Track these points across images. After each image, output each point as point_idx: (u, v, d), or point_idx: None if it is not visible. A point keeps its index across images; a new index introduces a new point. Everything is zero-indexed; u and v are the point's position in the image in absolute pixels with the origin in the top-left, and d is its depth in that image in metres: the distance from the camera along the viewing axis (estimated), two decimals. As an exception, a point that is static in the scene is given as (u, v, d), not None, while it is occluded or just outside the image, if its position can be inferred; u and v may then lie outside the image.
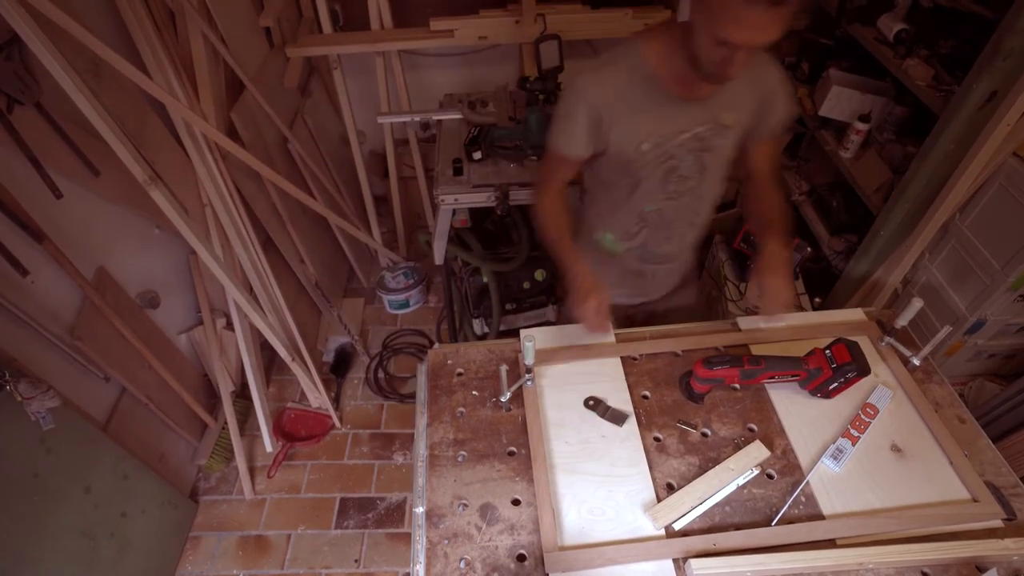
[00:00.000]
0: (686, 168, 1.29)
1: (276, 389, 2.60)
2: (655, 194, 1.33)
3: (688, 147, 1.25)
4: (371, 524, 2.17)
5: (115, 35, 1.77)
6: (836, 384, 1.14)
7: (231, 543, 2.13)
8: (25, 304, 1.51)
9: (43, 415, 1.47)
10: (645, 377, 1.24)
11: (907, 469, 1.06)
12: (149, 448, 2.00)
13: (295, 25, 2.60)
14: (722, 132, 1.25)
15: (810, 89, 2.48)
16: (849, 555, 0.93)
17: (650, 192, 1.33)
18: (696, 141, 1.25)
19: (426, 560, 0.97)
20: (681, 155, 1.26)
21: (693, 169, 1.29)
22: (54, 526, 1.56)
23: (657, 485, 1.05)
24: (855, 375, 1.12)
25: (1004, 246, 1.82)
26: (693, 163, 1.28)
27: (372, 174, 3.01)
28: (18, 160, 1.48)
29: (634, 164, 1.27)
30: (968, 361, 2.24)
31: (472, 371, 1.27)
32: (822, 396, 1.18)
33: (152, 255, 2.06)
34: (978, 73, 1.63)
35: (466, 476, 1.08)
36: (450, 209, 1.92)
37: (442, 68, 2.91)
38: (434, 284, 3.07)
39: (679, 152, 1.26)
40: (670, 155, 1.26)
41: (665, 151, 1.25)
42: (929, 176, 1.87)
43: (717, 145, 1.27)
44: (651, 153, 1.25)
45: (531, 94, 1.87)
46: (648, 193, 1.33)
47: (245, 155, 1.98)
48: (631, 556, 0.95)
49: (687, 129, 1.23)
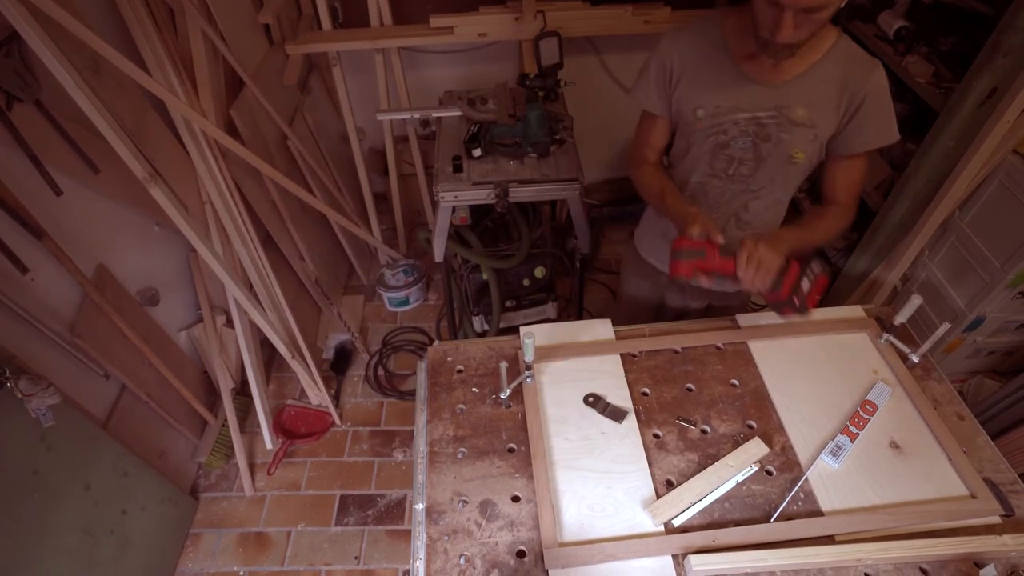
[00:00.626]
0: (737, 149, 1.25)
1: (276, 386, 2.60)
2: (702, 166, 1.32)
3: (744, 128, 1.22)
4: (371, 521, 2.17)
5: (114, 32, 1.77)
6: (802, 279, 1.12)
7: (231, 540, 2.13)
8: (25, 301, 1.51)
9: (43, 412, 1.48)
10: (645, 374, 1.24)
11: (906, 466, 1.07)
12: (149, 445, 2.01)
13: (295, 22, 2.60)
14: (789, 126, 1.20)
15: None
16: (848, 551, 0.93)
17: (698, 162, 1.32)
18: (755, 125, 1.21)
19: (426, 556, 0.97)
20: (734, 133, 1.23)
21: (748, 155, 1.26)
22: (54, 523, 1.56)
23: (656, 481, 1.06)
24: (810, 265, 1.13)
25: (1004, 243, 1.83)
26: (748, 147, 1.25)
27: (372, 171, 3.01)
28: (18, 157, 1.48)
29: (689, 127, 1.28)
30: (967, 358, 2.25)
31: (472, 368, 1.27)
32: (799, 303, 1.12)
33: (152, 252, 2.06)
34: (978, 70, 1.63)
35: (466, 473, 1.09)
36: (450, 206, 1.92)
37: (442, 65, 2.91)
38: (434, 281, 3.07)
39: (732, 130, 1.23)
40: (723, 130, 1.24)
41: (718, 123, 1.23)
42: (929, 173, 1.87)
43: (779, 138, 1.21)
44: (705, 121, 1.24)
45: (531, 91, 1.87)
46: (695, 162, 1.32)
47: (245, 152, 1.97)
48: (630, 552, 0.96)
49: (747, 109, 1.20)
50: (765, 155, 1.25)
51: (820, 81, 1.16)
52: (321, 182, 2.64)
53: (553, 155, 1.96)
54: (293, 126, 2.48)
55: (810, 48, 1.13)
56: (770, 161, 1.25)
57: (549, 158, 1.95)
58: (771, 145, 1.23)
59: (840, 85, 1.17)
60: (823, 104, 1.18)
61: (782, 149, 1.23)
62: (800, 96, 1.18)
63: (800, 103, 1.18)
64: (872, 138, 1.21)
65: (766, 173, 1.28)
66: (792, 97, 1.18)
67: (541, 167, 1.92)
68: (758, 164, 1.27)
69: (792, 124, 1.20)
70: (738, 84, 1.19)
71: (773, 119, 1.20)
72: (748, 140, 1.23)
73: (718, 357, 1.27)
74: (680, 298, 1.66)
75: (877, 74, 1.16)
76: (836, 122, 1.20)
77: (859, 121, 1.19)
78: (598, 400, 1.17)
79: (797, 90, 1.17)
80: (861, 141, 1.22)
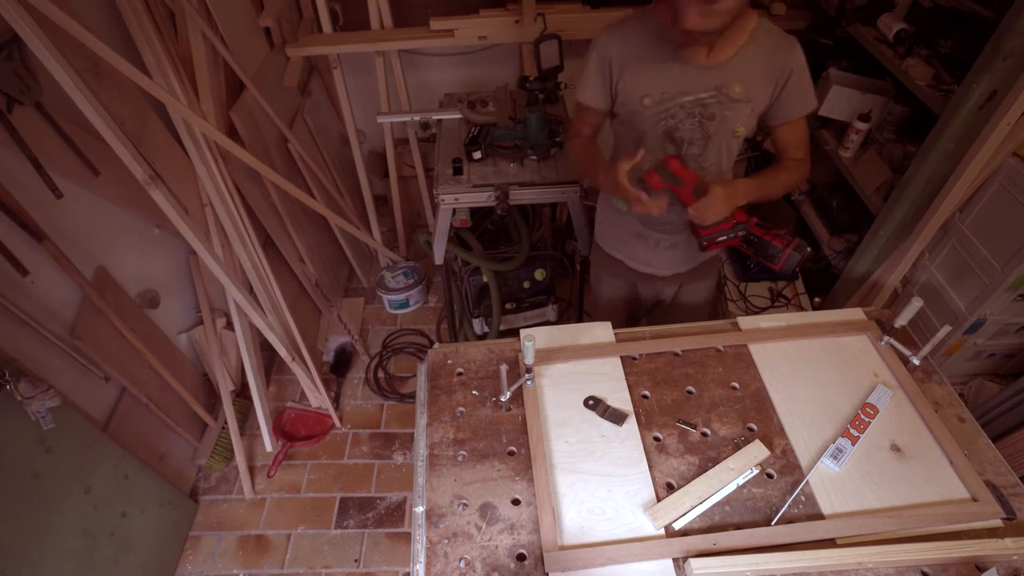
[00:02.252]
0: (686, 131, 1.32)
1: (276, 389, 2.60)
2: (655, 152, 1.36)
3: (689, 110, 1.29)
4: (371, 524, 2.17)
5: (115, 35, 1.77)
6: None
7: (231, 543, 2.13)
8: (25, 304, 1.51)
9: (43, 415, 1.47)
10: (645, 377, 1.24)
11: (907, 469, 1.06)
12: (149, 448, 2.01)
13: (295, 25, 2.60)
14: (729, 104, 1.28)
15: (810, 88, 2.48)
16: (849, 554, 0.93)
17: (650, 150, 1.36)
18: (699, 106, 1.29)
19: (426, 560, 0.97)
20: (681, 116, 1.30)
21: (696, 135, 1.33)
22: (54, 526, 1.56)
23: (657, 485, 1.05)
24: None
25: (1004, 245, 1.82)
26: (696, 129, 1.32)
27: (372, 174, 3.01)
28: (18, 160, 1.48)
29: (636, 117, 1.33)
30: (968, 361, 2.24)
31: (472, 371, 1.27)
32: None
33: (152, 255, 2.06)
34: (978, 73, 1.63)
35: (466, 476, 1.08)
36: (450, 209, 1.93)
37: (442, 68, 2.91)
38: (434, 284, 3.07)
39: (679, 113, 1.30)
40: (670, 114, 1.30)
41: (665, 109, 1.30)
42: (929, 176, 1.87)
43: (723, 116, 1.30)
44: (652, 108, 1.30)
45: (531, 94, 1.87)
46: (648, 150, 1.35)
47: (245, 155, 1.98)
48: (631, 555, 0.95)
49: (690, 92, 1.27)
50: (712, 133, 1.33)
51: (750, 60, 1.26)
52: (321, 184, 2.64)
53: (553, 158, 1.96)
54: (293, 128, 2.48)
55: (735, 31, 1.23)
56: (716, 138, 1.34)
57: (549, 161, 1.95)
58: (716, 123, 1.31)
59: (768, 62, 1.27)
60: (755, 80, 1.28)
61: (726, 126, 1.32)
62: (735, 75, 1.27)
63: (736, 81, 1.27)
64: (802, 106, 1.35)
65: (714, 149, 1.37)
66: (729, 76, 1.27)
67: (541, 170, 1.92)
68: (706, 142, 1.35)
69: (731, 101, 1.28)
70: (679, 70, 1.27)
71: (715, 98, 1.28)
72: (695, 121, 1.31)
73: (718, 360, 1.27)
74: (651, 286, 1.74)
75: (797, 50, 1.29)
76: (769, 95, 1.31)
77: (789, 92, 1.31)
78: (598, 403, 1.17)
79: (732, 70, 1.26)
80: (794, 109, 1.35)
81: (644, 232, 1.56)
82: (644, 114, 1.31)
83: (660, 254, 1.60)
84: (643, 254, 1.62)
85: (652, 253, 1.60)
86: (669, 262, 1.63)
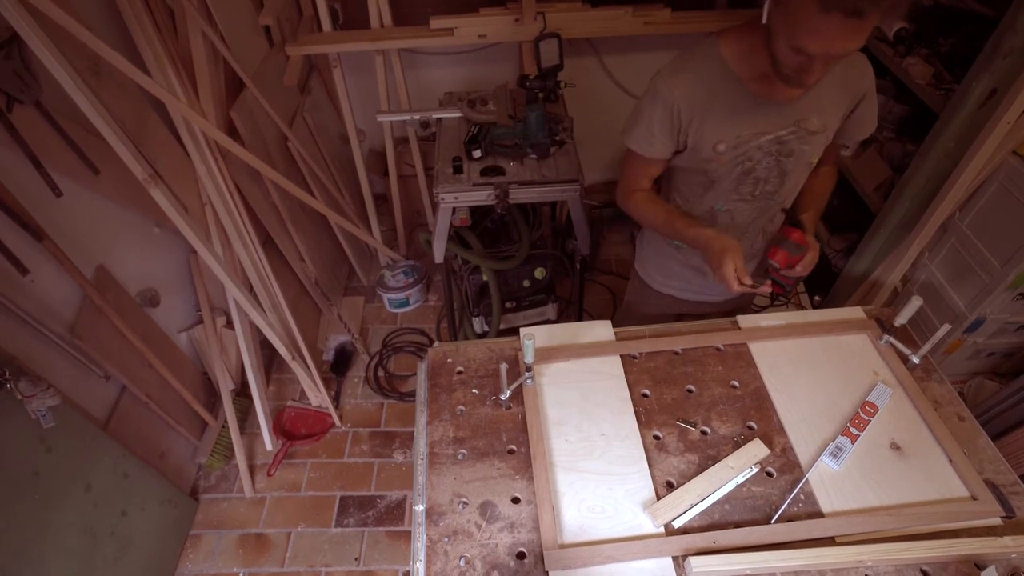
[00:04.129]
0: (762, 171, 1.25)
1: (276, 387, 2.60)
2: (728, 194, 1.31)
3: (767, 150, 1.21)
4: (371, 522, 2.17)
5: (115, 33, 1.77)
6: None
7: (231, 541, 2.13)
8: (25, 303, 1.51)
9: (43, 413, 1.48)
10: (645, 375, 1.24)
11: (906, 467, 1.07)
12: (149, 446, 2.01)
13: (295, 23, 2.60)
14: (806, 137, 1.21)
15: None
16: (848, 553, 0.93)
17: (723, 192, 1.30)
18: (777, 144, 1.21)
19: (426, 558, 0.97)
20: (759, 157, 1.23)
21: (772, 173, 1.26)
22: (54, 524, 1.56)
23: (657, 483, 1.05)
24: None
25: (1004, 244, 1.83)
26: (772, 166, 1.24)
27: (372, 172, 3.01)
28: (18, 159, 1.48)
29: (710, 164, 1.24)
30: (967, 359, 2.25)
31: (472, 369, 1.27)
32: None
33: (152, 254, 2.06)
34: (978, 72, 1.64)
35: (466, 474, 1.08)
36: (450, 207, 1.92)
37: (442, 66, 2.91)
38: (434, 283, 3.07)
39: (757, 154, 1.22)
40: (747, 157, 1.22)
41: (743, 152, 1.21)
42: (929, 175, 1.87)
43: (800, 150, 1.22)
44: (728, 154, 1.21)
45: (531, 92, 1.87)
46: (721, 193, 1.31)
47: (245, 154, 1.97)
48: (631, 554, 0.95)
49: (768, 131, 1.19)
50: (789, 169, 1.26)
51: (826, 87, 1.17)
52: (321, 183, 2.64)
53: (553, 156, 1.96)
54: (293, 127, 2.48)
55: None
56: (793, 174, 1.28)
57: (549, 159, 1.95)
58: (793, 159, 1.24)
59: (841, 86, 1.19)
60: (831, 108, 1.21)
61: (803, 159, 1.25)
62: (812, 107, 1.19)
63: (813, 113, 1.19)
64: (867, 129, 1.30)
65: (790, 185, 1.31)
66: (806, 109, 1.18)
67: (541, 168, 1.92)
68: (783, 179, 1.28)
69: (809, 134, 1.21)
70: (755, 109, 1.17)
71: (793, 134, 1.20)
72: (772, 160, 1.23)
73: (718, 358, 1.27)
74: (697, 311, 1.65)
75: (870, 72, 1.21)
76: (840, 121, 1.25)
77: (858, 116, 1.25)
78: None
79: (808, 101, 1.18)
80: (858, 133, 1.30)
81: (703, 265, 1.47)
82: (718, 161, 1.22)
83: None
84: (699, 284, 1.54)
85: (710, 282, 1.52)
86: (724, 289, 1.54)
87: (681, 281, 1.55)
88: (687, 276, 1.54)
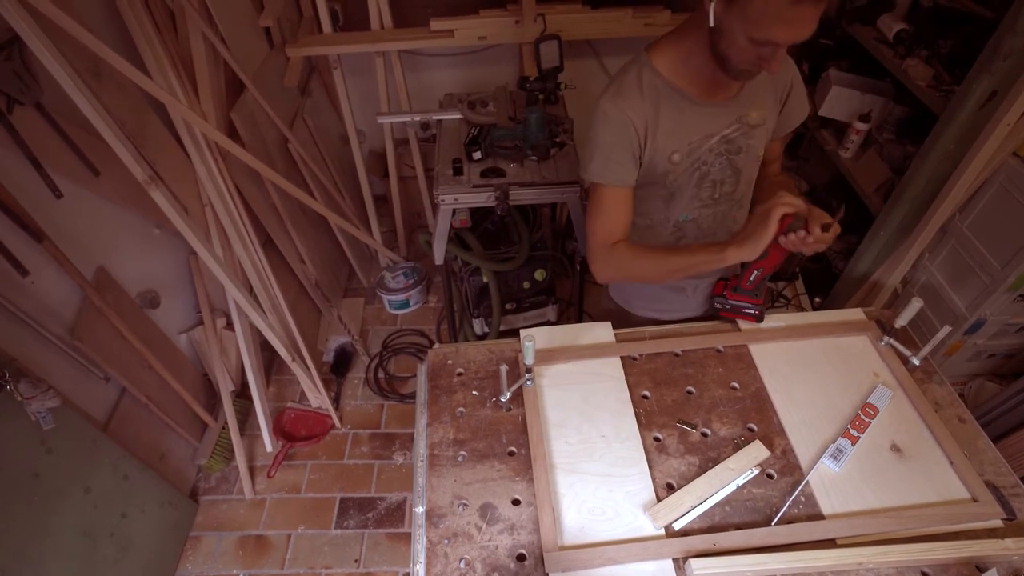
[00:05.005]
0: (717, 172, 1.27)
1: (276, 389, 2.60)
2: (690, 203, 1.31)
3: (717, 151, 1.24)
4: (371, 524, 2.17)
5: (115, 35, 1.77)
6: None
7: (231, 543, 2.13)
8: (25, 304, 1.51)
9: (43, 415, 1.47)
10: (645, 377, 1.24)
11: (907, 469, 1.06)
12: (149, 448, 2.01)
13: (295, 25, 2.60)
14: (750, 132, 1.25)
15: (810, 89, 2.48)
16: (849, 555, 0.93)
17: (685, 202, 1.31)
18: (725, 143, 1.23)
19: (426, 560, 0.97)
20: (711, 160, 1.25)
21: (727, 172, 1.28)
22: (54, 526, 1.56)
23: (657, 485, 1.05)
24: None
25: (1004, 246, 1.83)
26: (726, 166, 1.27)
27: (372, 174, 3.01)
28: (18, 160, 1.48)
29: (668, 176, 1.25)
30: (968, 361, 2.25)
31: (472, 371, 1.27)
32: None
33: (152, 255, 2.06)
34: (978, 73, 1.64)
35: (466, 476, 1.08)
36: (450, 209, 1.93)
37: (442, 68, 2.91)
38: (434, 284, 3.07)
39: (709, 157, 1.24)
40: (702, 161, 1.24)
41: (697, 158, 1.24)
42: (929, 176, 1.87)
43: (747, 145, 1.26)
44: (683, 162, 1.23)
45: (531, 94, 1.87)
46: (683, 203, 1.31)
47: (245, 155, 1.98)
48: (631, 556, 0.95)
49: (715, 132, 1.22)
50: (741, 166, 1.29)
51: (758, 83, 1.21)
52: (321, 184, 2.64)
53: (553, 158, 1.96)
54: (293, 129, 2.48)
55: None
56: (746, 169, 1.31)
57: (549, 161, 1.95)
58: (743, 155, 1.27)
59: (771, 81, 1.24)
60: (766, 100, 1.25)
61: (752, 153, 1.29)
62: (750, 102, 1.23)
63: (751, 107, 1.23)
64: (801, 114, 1.33)
65: (746, 180, 1.33)
66: (745, 105, 1.22)
67: (541, 170, 1.92)
68: (738, 177, 1.30)
69: (751, 128, 1.25)
70: (699, 114, 1.20)
71: (737, 130, 1.24)
72: (724, 160, 1.26)
73: (718, 360, 1.27)
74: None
75: (790, 63, 1.25)
76: (777, 112, 1.29)
77: (790, 106, 1.30)
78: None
79: (746, 98, 1.22)
80: (795, 119, 1.33)
81: (682, 284, 1.49)
82: (676, 171, 1.24)
83: (696, 297, 1.53)
84: (679, 304, 1.54)
85: (689, 299, 1.53)
86: (703, 302, 1.55)
87: (661, 303, 1.56)
88: (667, 297, 1.54)
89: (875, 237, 2.11)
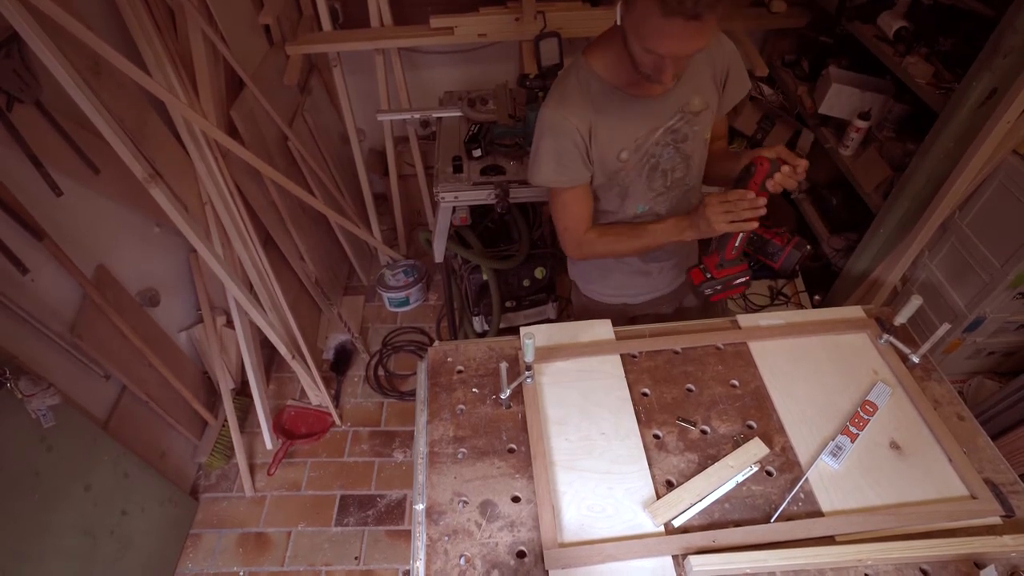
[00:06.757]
0: (666, 162, 1.30)
1: (276, 387, 2.60)
2: (644, 195, 1.35)
3: (664, 142, 1.27)
4: (371, 521, 2.17)
5: (115, 33, 1.77)
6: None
7: (231, 540, 2.13)
8: (25, 302, 1.51)
9: (43, 413, 1.48)
10: (645, 374, 1.24)
11: (906, 466, 1.07)
12: (149, 446, 2.01)
13: (295, 23, 2.60)
14: (694, 119, 1.26)
15: (810, 87, 2.48)
16: (848, 552, 0.93)
17: (639, 195, 1.34)
18: (670, 134, 1.26)
19: (426, 557, 0.97)
20: (659, 151, 1.28)
21: (676, 161, 1.31)
22: (54, 524, 1.56)
23: (656, 482, 1.06)
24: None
25: (1004, 244, 1.83)
26: (674, 155, 1.30)
27: (372, 172, 3.01)
28: (18, 158, 1.48)
29: (619, 173, 1.29)
30: (967, 359, 2.25)
31: (472, 368, 1.27)
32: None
33: (152, 253, 2.06)
34: (978, 71, 1.63)
35: (466, 473, 1.09)
36: (450, 207, 1.93)
37: (442, 66, 2.91)
38: (434, 282, 3.07)
39: (656, 149, 1.27)
40: (651, 154, 1.28)
41: (645, 152, 1.27)
42: (929, 174, 1.87)
43: (692, 132, 1.28)
44: (632, 158, 1.26)
45: (531, 92, 1.87)
46: (638, 196, 1.34)
47: (245, 153, 1.98)
48: (630, 552, 0.96)
49: (659, 125, 1.24)
50: (690, 152, 1.31)
51: (697, 67, 1.23)
52: (321, 182, 2.64)
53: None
54: (293, 127, 2.48)
55: None
56: (695, 155, 1.33)
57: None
58: (690, 142, 1.29)
59: (709, 64, 1.25)
60: (706, 85, 1.26)
61: (699, 139, 1.31)
62: (690, 89, 1.24)
63: (692, 94, 1.24)
64: (742, 90, 1.33)
65: (696, 164, 1.35)
66: (686, 93, 1.24)
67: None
68: (687, 162, 1.33)
69: (695, 115, 1.26)
70: (640, 109, 1.22)
71: (681, 119, 1.25)
72: (671, 149, 1.28)
73: (718, 358, 1.27)
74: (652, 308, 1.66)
75: (728, 43, 1.27)
76: (718, 94, 1.30)
77: (730, 86, 1.31)
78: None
79: (684, 85, 1.23)
80: (736, 96, 1.34)
81: (647, 268, 1.52)
82: (626, 168, 1.28)
83: (663, 276, 1.56)
84: (647, 286, 1.57)
85: (656, 279, 1.56)
86: (674, 280, 1.59)
87: (630, 288, 1.58)
88: (635, 283, 1.56)
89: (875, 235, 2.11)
